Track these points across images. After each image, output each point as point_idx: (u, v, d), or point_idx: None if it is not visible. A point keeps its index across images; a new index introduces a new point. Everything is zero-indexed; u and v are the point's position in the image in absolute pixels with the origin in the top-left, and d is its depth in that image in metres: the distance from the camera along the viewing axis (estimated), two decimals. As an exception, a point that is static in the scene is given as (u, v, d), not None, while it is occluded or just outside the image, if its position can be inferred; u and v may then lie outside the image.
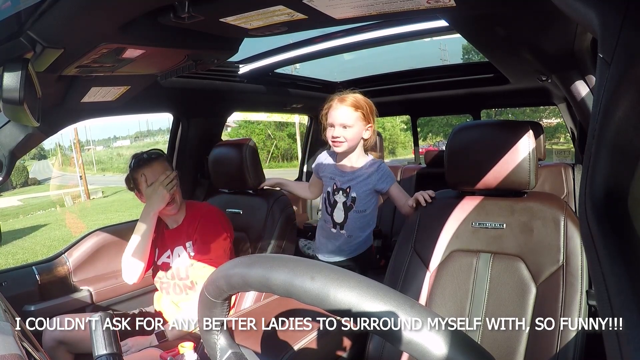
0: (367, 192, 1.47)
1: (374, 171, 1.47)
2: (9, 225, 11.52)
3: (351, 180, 1.49)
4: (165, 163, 1.42)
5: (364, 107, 1.42)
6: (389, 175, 1.48)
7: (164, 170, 1.39)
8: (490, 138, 1.10)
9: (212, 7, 0.73)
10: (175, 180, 1.40)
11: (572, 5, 0.34)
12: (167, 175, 1.38)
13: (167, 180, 1.37)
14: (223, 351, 0.50)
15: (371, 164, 1.49)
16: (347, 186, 1.49)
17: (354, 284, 0.35)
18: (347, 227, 1.48)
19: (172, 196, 1.38)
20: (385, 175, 1.47)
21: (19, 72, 0.67)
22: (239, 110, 2.50)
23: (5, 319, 0.59)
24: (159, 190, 1.36)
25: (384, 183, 1.46)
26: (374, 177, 1.47)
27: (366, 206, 1.48)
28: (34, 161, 33.98)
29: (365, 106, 1.43)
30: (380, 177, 1.47)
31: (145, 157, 1.42)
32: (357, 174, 1.48)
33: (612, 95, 0.29)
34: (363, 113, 1.42)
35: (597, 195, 0.30)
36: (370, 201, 1.48)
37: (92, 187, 19.53)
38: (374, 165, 1.49)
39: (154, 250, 1.49)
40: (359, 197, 1.47)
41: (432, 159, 2.80)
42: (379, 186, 1.46)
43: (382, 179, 1.47)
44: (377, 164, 1.49)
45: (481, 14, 0.87)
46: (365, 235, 1.52)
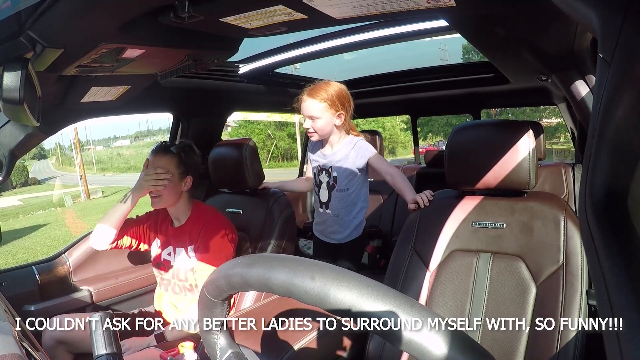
0: (348, 170, 1.51)
1: (351, 149, 1.51)
2: (9, 225, 11.52)
3: (332, 160, 1.54)
4: (172, 160, 1.41)
5: (330, 96, 1.45)
6: (365, 150, 1.51)
7: (164, 165, 1.39)
8: (490, 138, 1.10)
9: (212, 7, 0.73)
10: (164, 180, 1.38)
11: (572, 5, 0.34)
12: (157, 172, 1.37)
13: (149, 177, 1.37)
14: (223, 351, 0.50)
15: (348, 143, 1.53)
16: (329, 166, 1.55)
17: (354, 284, 0.35)
18: (331, 207, 1.55)
19: (155, 192, 1.38)
20: (362, 151, 1.51)
21: (19, 72, 0.67)
22: (239, 110, 2.50)
23: (5, 319, 0.59)
24: (140, 179, 1.39)
25: (361, 158, 1.50)
26: (352, 155, 1.51)
27: (348, 185, 1.52)
28: (34, 161, 34.00)
29: (332, 95, 1.46)
30: (358, 153, 1.50)
31: (157, 147, 1.45)
32: (336, 154, 1.54)
33: (612, 95, 0.29)
34: (328, 103, 1.45)
35: (597, 195, 0.30)
36: (352, 180, 1.52)
37: (92, 187, 19.54)
38: (351, 143, 1.52)
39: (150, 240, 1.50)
40: (340, 176, 1.52)
41: (432, 158, 2.80)
42: (358, 162, 1.50)
43: (358, 155, 1.50)
44: (354, 142, 1.53)
45: (481, 14, 0.87)
46: (354, 218, 1.56)
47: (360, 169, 1.52)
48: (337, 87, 1.49)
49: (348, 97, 1.50)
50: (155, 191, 1.38)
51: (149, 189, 1.38)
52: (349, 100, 1.50)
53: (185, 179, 1.42)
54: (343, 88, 1.50)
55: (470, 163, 1.10)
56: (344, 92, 1.49)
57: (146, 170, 1.39)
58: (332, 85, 1.49)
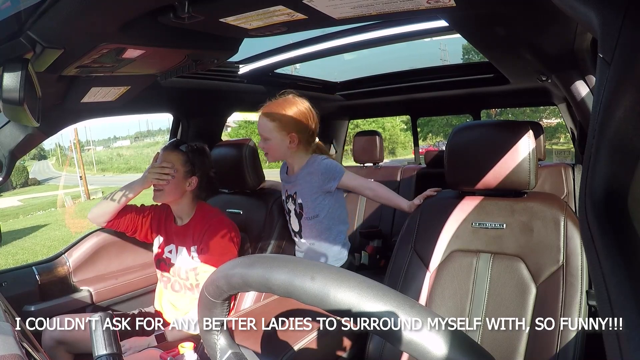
0: (313, 194, 1.36)
1: (314, 170, 1.35)
2: (9, 225, 11.53)
3: (295, 185, 1.40)
4: (179, 156, 1.42)
5: (282, 116, 1.31)
6: (333, 170, 1.34)
7: (171, 160, 1.41)
8: (490, 138, 1.10)
9: (212, 7, 0.73)
10: (168, 176, 1.39)
11: (572, 5, 0.34)
12: (162, 166, 1.40)
13: (154, 170, 1.39)
14: (223, 351, 0.50)
15: (311, 163, 1.36)
16: (294, 192, 1.41)
17: (354, 284, 0.35)
18: (304, 235, 1.43)
19: (158, 185, 1.41)
20: (329, 172, 1.33)
21: (19, 72, 0.67)
22: (239, 110, 2.50)
23: (5, 319, 0.59)
24: (147, 172, 1.41)
25: (331, 181, 1.33)
26: (316, 177, 1.34)
27: (317, 211, 1.37)
28: (34, 161, 34.02)
29: (286, 115, 1.31)
30: (323, 176, 1.34)
31: (168, 143, 1.47)
32: (298, 177, 1.39)
33: (612, 95, 0.29)
34: (278, 124, 1.32)
35: (597, 195, 0.30)
36: (320, 204, 1.36)
37: (92, 187, 19.56)
38: (314, 164, 1.36)
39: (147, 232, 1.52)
40: (305, 202, 1.37)
41: (432, 159, 2.80)
42: (326, 186, 1.34)
43: (326, 177, 1.33)
44: (316, 162, 1.36)
45: (481, 14, 0.87)
46: (332, 245, 1.40)
47: (328, 191, 1.35)
48: (295, 107, 1.33)
49: (309, 117, 1.34)
50: (158, 185, 1.40)
51: (152, 182, 1.40)
52: (311, 120, 1.35)
53: (190, 179, 1.42)
54: (304, 108, 1.34)
55: (470, 163, 1.10)
56: (305, 112, 1.34)
57: (153, 163, 1.41)
58: (290, 103, 1.34)
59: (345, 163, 3.05)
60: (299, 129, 1.34)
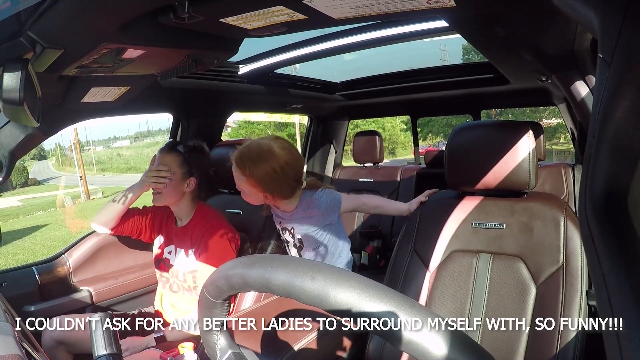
0: (314, 231, 1.29)
1: (313, 209, 1.27)
2: (9, 225, 11.53)
3: (291, 221, 1.32)
4: (175, 158, 1.41)
5: (248, 170, 1.20)
6: (332, 204, 1.27)
7: (167, 163, 1.41)
8: (490, 138, 1.10)
9: (212, 7, 0.73)
10: (165, 179, 1.39)
11: (572, 5, 0.34)
12: (159, 169, 1.39)
13: (153, 172, 1.39)
14: (223, 351, 0.50)
15: (308, 204, 1.27)
16: (291, 227, 1.33)
17: (354, 284, 0.35)
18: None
19: (156, 188, 1.41)
20: (329, 207, 1.26)
21: (19, 72, 0.67)
22: (239, 111, 2.50)
23: (5, 319, 0.59)
24: (144, 176, 1.41)
25: (332, 214, 1.27)
26: (316, 215, 1.27)
27: (318, 242, 1.31)
28: (34, 161, 34.02)
29: (250, 169, 1.20)
30: (324, 213, 1.26)
31: (165, 145, 1.47)
32: (294, 215, 1.31)
33: (612, 95, 0.29)
34: (249, 181, 1.22)
35: (597, 195, 0.30)
36: (321, 237, 1.30)
37: (92, 188, 19.56)
38: (311, 203, 1.27)
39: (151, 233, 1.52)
40: (306, 237, 1.31)
41: (432, 159, 2.80)
42: (327, 219, 1.28)
43: (327, 213, 1.26)
44: (313, 202, 1.27)
45: (481, 14, 0.87)
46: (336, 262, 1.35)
47: (330, 223, 1.29)
48: (267, 165, 1.18)
49: (282, 170, 1.20)
50: (155, 188, 1.40)
51: (150, 185, 1.40)
52: (286, 171, 1.20)
53: (188, 180, 1.42)
54: (275, 164, 1.18)
55: (470, 163, 1.10)
56: (276, 168, 1.19)
57: (150, 166, 1.41)
58: (261, 158, 1.19)
59: (345, 163, 3.05)
60: (272, 189, 1.23)
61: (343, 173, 2.83)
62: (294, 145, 1.29)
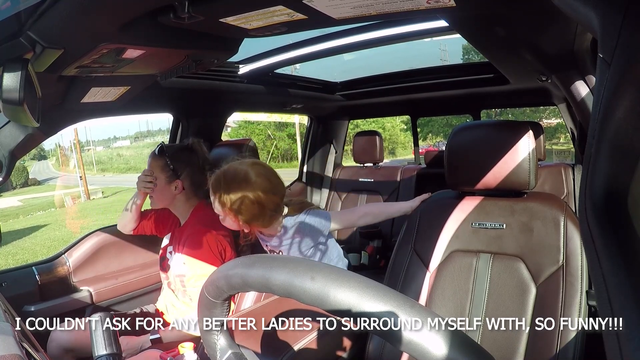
0: (304, 252, 1.24)
1: (298, 236, 1.22)
2: (9, 225, 11.53)
3: (278, 246, 1.27)
4: (157, 163, 1.41)
5: (224, 203, 1.16)
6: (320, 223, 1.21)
7: (157, 168, 1.41)
8: (490, 138, 1.10)
9: (212, 7, 0.73)
10: (150, 184, 1.39)
11: (572, 5, 0.34)
12: (145, 174, 1.41)
13: (141, 178, 1.41)
14: (223, 351, 0.50)
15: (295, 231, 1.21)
16: (279, 250, 1.27)
17: (354, 284, 0.35)
18: None
19: (147, 193, 1.43)
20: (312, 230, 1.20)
21: (19, 72, 0.67)
22: (239, 111, 2.50)
23: (5, 319, 0.59)
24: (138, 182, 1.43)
25: (318, 235, 1.21)
26: (304, 241, 1.22)
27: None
28: (34, 161, 34.01)
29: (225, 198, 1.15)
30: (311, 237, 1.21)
31: (153, 151, 1.47)
32: (281, 240, 1.25)
33: (612, 95, 0.29)
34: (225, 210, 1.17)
35: (597, 195, 0.30)
36: (312, 256, 1.25)
37: (92, 188, 19.56)
38: (299, 231, 1.21)
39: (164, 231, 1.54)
40: None
41: (432, 159, 2.80)
42: (316, 239, 1.22)
43: (314, 236, 1.21)
44: (295, 229, 1.21)
45: (481, 14, 0.87)
46: None
47: (320, 243, 1.24)
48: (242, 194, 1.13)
49: (258, 202, 1.14)
50: (146, 193, 1.43)
51: (143, 190, 1.42)
52: (263, 202, 1.15)
53: (174, 183, 1.40)
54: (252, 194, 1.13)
55: (470, 163, 1.10)
56: (252, 198, 1.14)
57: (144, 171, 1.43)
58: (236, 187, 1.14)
59: (345, 163, 3.05)
60: (249, 219, 1.17)
61: (343, 173, 2.83)
62: (273, 171, 1.22)
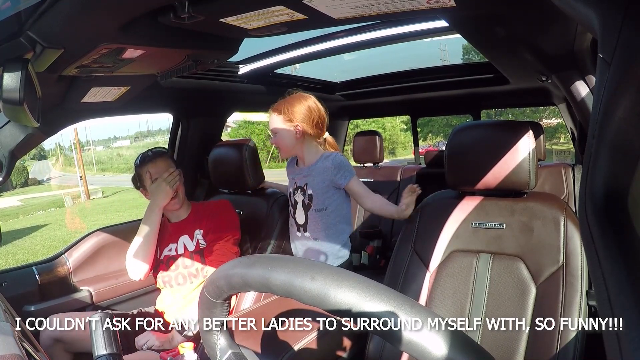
0: (324, 187, 1.41)
1: (329, 164, 1.40)
2: (9, 225, 11.53)
3: (307, 176, 1.44)
4: (169, 160, 1.49)
5: (287, 109, 1.39)
6: (346, 169, 1.40)
7: (167, 167, 1.46)
8: (490, 138, 1.10)
9: (212, 7, 0.73)
10: (179, 177, 1.48)
11: (572, 5, 0.34)
12: (170, 172, 1.45)
13: (170, 177, 1.44)
14: (223, 351, 0.50)
15: (326, 157, 1.42)
16: (304, 183, 1.45)
17: (354, 284, 0.35)
18: (309, 228, 1.44)
19: (175, 191, 1.45)
20: (343, 168, 1.39)
21: (19, 72, 0.67)
22: (239, 111, 2.50)
23: (5, 319, 0.59)
24: (162, 186, 1.43)
25: (343, 178, 1.39)
26: (330, 170, 1.40)
27: (326, 203, 1.41)
28: (34, 161, 34.02)
29: (290, 108, 1.39)
30: (337, 170, 1.39)
31: (150, 155, 1.49)
32: (312, 169, 1.44)
33: (612, 95, 0.29)
34: (284, 117, 1.39)
35: (597, 195, 0.30)
36: (330, 198, 1.42)
37: (92, 188, 19.55)
38: (329, 158, 1.41)
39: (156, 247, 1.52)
40: (316, 194, 1.42)
41: (432, 159, 2.80)
42: (338, 180, 1.39)
43: (340, 172, 1.39)
44: (331, 156, 1.42)
45: (481, 14, 0.87)
46: (335, 241, 1.43)
47: (337, 186, 1.41)
48: (299, 101, 1.41)
49: (313, 109, 1.41)
50: (175, 191, 1.46)
51: (173, 189, 1.45)
52: (315, 112, 1.41)
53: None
54: (310, 103, 1.42)
55: (470, 163, 1.10)
56: (309, 105, 1.41)
57: (159, 177, 1.44)
58: (295, 98, 1.42)
59: (345, 163, 3.05)
60: (303, 119, 1.40)
61: (343, 173, 2.83)
62: None
